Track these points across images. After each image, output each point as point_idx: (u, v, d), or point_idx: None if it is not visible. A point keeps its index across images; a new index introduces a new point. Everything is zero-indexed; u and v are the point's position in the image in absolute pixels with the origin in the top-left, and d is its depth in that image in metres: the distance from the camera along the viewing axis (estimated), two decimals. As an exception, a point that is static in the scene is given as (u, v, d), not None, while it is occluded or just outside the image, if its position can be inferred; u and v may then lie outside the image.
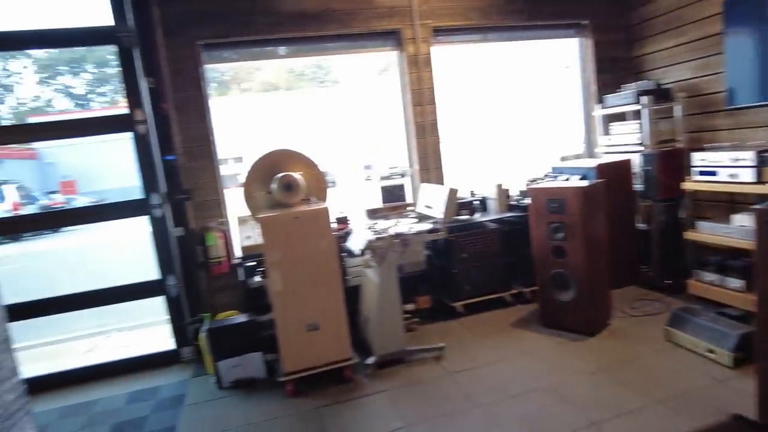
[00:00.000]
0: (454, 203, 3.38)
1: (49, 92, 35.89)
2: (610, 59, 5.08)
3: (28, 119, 26.94)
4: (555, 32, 5.18)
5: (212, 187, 4.07)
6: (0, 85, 33.55)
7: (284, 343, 3.09)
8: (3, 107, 34.37)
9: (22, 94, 35.53)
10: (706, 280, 3.78)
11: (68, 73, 34.85)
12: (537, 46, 13.85)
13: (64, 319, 4.00)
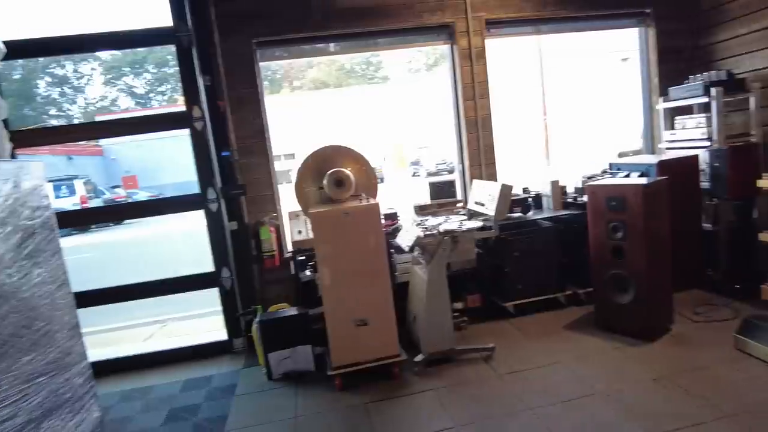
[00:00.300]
0: (507, 200, 3.30)
1: (114, 92, 37.93)
2: (675, 49, 4.79)
3: (96, 118, 28.61)
4: (614, 22, 4.95)
5: (266, 182, 4.14)
6: (72, 86, 35.80)
7: (333, 337, 3.11)
8: (75, 107, 36.64)
9: (91, 94, 37.72)
10: (782, 285, 3.51)
11: (131, 74, 36.69)
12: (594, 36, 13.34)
13: (125, 307, 4.20)
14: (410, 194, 5.75)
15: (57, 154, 19.99)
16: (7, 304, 1.24)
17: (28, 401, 1.21)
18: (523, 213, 4.09)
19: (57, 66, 34.29)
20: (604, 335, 3.46)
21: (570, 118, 18.10)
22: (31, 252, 1.41)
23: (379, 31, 4.31)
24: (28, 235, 1.42)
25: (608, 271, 3.43)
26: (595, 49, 17.56)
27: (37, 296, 1.37)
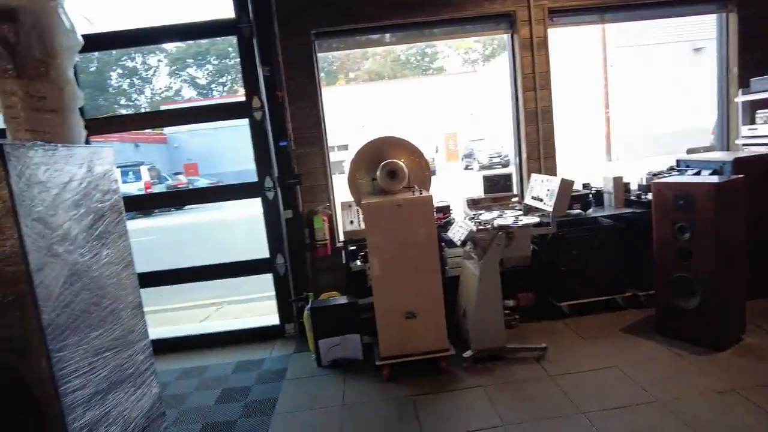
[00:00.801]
0: (567, 196, 3.17)
1: (177, 83, 39.65)
2: (759, 36, 4.42)
3: (161, 107, 30.02)
4: (690, 8, 4.64)
5: (321, 172, 4.19)
6: (140, 78, 37.75)
7: (382, 328, 3.12)
8: (142, 97, 38.63)
9: (157, 85, 39.62)
10: None
11: (194, 65, 38.21)
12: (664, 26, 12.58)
13: (184, 288, 4.39)
14: (462, 187, 5.67)
15: (125, 141, 21.17)
16: (80, 281, 1.30)
17: (96, 374, 1.28)
18: (583, 210, 3.92)
19: (127, 58, 36.23)
20: (666, 341, 3.28)
21: (635, 112, 17.22)
22: (101, 233, 1.48)
23: (437, 21, 4.24)
24: (98, 217, 1.49)
25: (673, 274, 3.23)
26: (665, 40, 16.61)
27: (105, 276, 1.44)
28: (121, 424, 1.35)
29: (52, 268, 1.19)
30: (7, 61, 1.67)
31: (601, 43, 17.90)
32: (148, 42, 4.36)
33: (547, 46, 4.28)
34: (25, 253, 1.09)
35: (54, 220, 1.25)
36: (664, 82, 16.78)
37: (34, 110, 1.72)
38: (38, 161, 1.21)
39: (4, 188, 1.06)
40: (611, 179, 4.13)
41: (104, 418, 1.28)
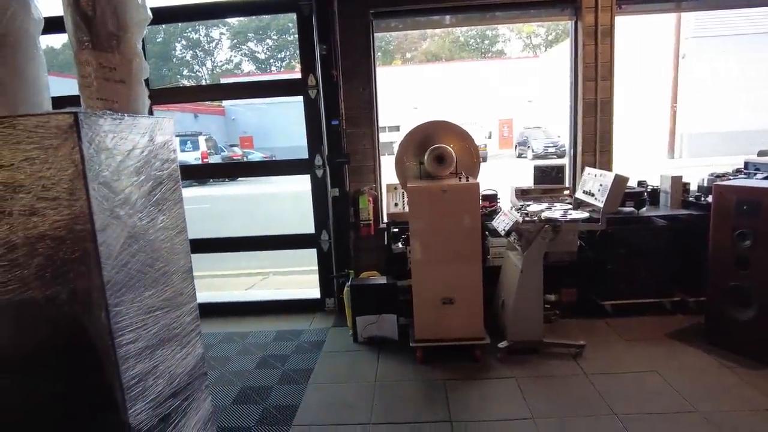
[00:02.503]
0: (619, 193, 3.07)
1: (238, 56, 40.55)
2: None
3: (220, 80, 30.89)
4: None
5: (370, 153, 4.23)
6: (203, 50, 38.86)
7: (418, 311, 3.15)
8: (203, 69, 39.79)
9: (218, 58, 40.65)
10: None
11: (254, 39, 38.93)
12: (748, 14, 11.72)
13: (233, 257, 4.58)
14: (513, 176, 5.56)
15: (185, 111, 21.94)
16: (137, 243, 1.40)
17: (147, 330, 1.38)
18: (636, 208, 3.77)
19: (191, 30, 37.33)
20: (714, 351, 3.15)
21: (705, 108, 16.20)
22: (158, 200, 1.57)
23: (499, 4, 4.14)
24: (157, 184, 1.58)
25: (728, 282, 3.08)
26: (746, 30, 15.42)
27: (159, 240, 1.54)
28: (166, 378, 1.45)
29: (113, 229, 1.29)
30: (85, 33, 1.78)
31: (675, 32, 16.85)
32: (211, 16, 4.49)
33: (612, 35, 4.09)
34: (92, 214, 1.18)
35: (117, 185, 1.34)
36: (742, 77, 15.66)
37: (105, 80, 1.83)
38: (107, 129, 1.31)
39: (77, 153, 1.15)
40: (669, 178, 3.95)
41: (152, 371, 1.39)
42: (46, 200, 1.16)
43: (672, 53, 17.12)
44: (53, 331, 1.20)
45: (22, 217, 1.16)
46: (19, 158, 1.15)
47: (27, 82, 1.84)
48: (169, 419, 1.46)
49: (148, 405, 1.35)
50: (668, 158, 17.58)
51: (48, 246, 1.17)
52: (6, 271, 1.17)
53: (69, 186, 1.16)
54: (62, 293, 1.18)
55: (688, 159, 16.16)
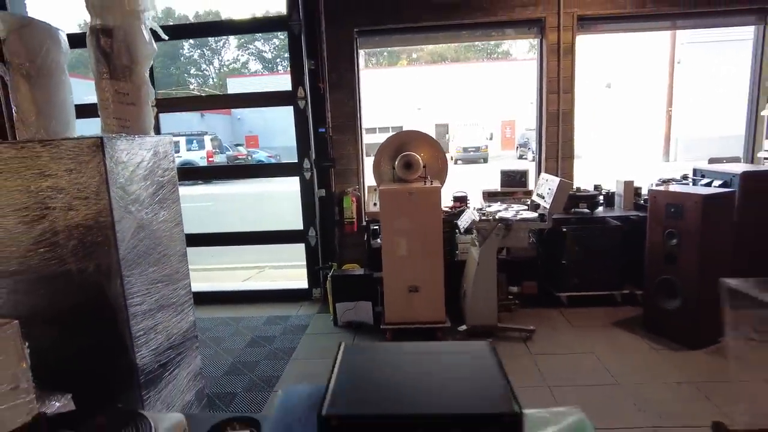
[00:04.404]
0: (563, 196, 3.50)
1: (245, 56, 41.02)
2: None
3: (227, 79, 31.40)
4: (726, 19, 4.73)
5: (353, 157, 4.68)
6: (210, 48, 39.39)
7: (388, 298, 3.61)
8: (211, 68, 40.32)
9: (226, 57, 41.12)
10: None
11: (261, 39, 39.40)
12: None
13: (233, 251, 5.04)
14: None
15: (192, 111, 22.46)
16: (144, 232, 1.85)
17: (151, 296, 1.83)
18: (590, 209, 4.21)
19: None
20: (649, 336, 3.58)
21: (700, 113, 16.52)
22: (160, 199, 2.03)
23: (472, 24, 4.57)
24: (159, 187, 2.04)
25: (659, 276, 3.51)
26: (741, 36, 15.74)
27: (161, 230, 1.99)
28: (165, 335, 1.91)
29: (127, 221, 1.74)
30: (104, 66, 2.24)
31: (671, 38, 17.18)
32: (212, 34, 4.96)
33: (573, 52, 4.52)
34: (111, 209, 1.63)
35: (130, 188, 1.79)
36: (735, 82, 15.98)
37: (119, 103, 2.29)
38: (122, 148, 1.76)
39: (102, 165, 1.60)
40: (623, 183, 4.37)
41: (154, 328, 1.84)
42: (79, 199, 1.62)
43: (668, 59, 17.48)
44: (83, 294, 1.66)
45: (63, 212, 1.61)
46: (62, 169, 1.60)
47: (58, 103, 2.31)
48: (167, 366, 1.92)
49: (151, 352, 1.81)
50: (664, 161, 17.94)
51: (80, 232, 1.62)
52: (50, 250, 1.62)
53: (96, 189, 1.61)
54: (90, 266, 1.64)
55: (683, 162, 16.51)
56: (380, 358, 0.75)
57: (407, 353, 0.77)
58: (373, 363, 0.72)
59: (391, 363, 0.72)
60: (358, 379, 0.64)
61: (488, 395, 0.58)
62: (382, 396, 0.61)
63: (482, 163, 21.43)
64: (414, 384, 0.64)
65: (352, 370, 0.66)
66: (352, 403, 0.58)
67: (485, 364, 0.64)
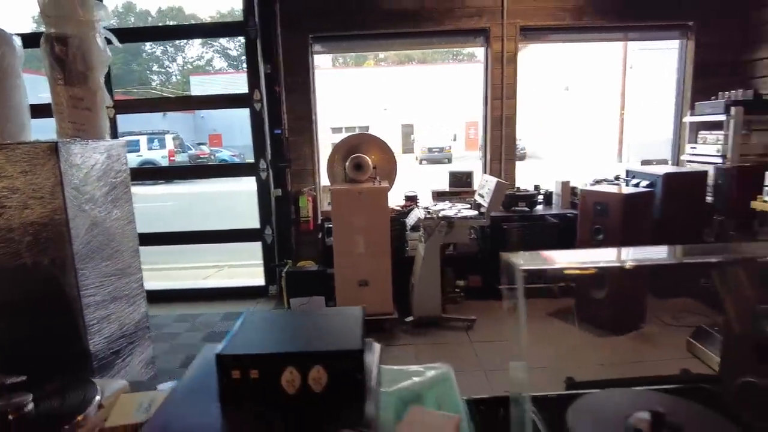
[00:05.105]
0: (500, 195, 3.79)
1: (210, 53, 40.36)
2: (713, 64, 4.88)
3: (190, 77, 30.92)
4: (656, 33, 5.13)
5: (309, 158, 4.87)
6: (174, 45, 38.62)
7: (339, 291, 3.82)
8: (174, 65, 39.51)
9: (189, 54, 40.39)
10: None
11: (226, 36, 38.84)
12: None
13: (194, 251, 5.14)
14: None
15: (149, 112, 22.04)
16: (97, 229, 2.00)
17: (104, 289, 1.98)
18: (529, 208, 4.53)
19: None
20: (580, 324, 3.90)
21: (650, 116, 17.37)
22: (113, 199, 2.17)
23: (421, 32, 4.82)
24: (112, 187, 2.18)
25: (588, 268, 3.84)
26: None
27: (114, 227, 2.14)
28: (117, 324, 2.06)
29: (81, 219, 1.88)
30: (59, 72, 2.37)
31: (623, 44, 17.98)
32: (169, 38, 5.04)
33: (515, 61, 4.83)
34: (66, 208, 1.78)
35: (84, 189, 1.93)
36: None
37: (74, 108, 2.42)
38: (76, 151, 1.90)
39: (57, 168, 1.75)
40: (560, 183, 4.71)
41: (107, 318, 1.99)
42: (34, 198, 1.76)
43: (621, 64, 18.30)
44: (39, 286, 1.80)
45: (18, 210, 1.75)
46: (18, 171, 1.74)
47: (13, 107, 2.42)
48: (119, 354, 2.07)
49: (104, 340, 1.96)
50: (618, 162, 18.76)
51: (36, 229, 1.76)
52: (6, 245, 1.76)
53: (51, 190, 1.76)
54: (45, 260, 1.78)
55: (634, 163, 17.32)
56: (273, 319, 0.97)
57: (295, 316, 0.98)
58: (266, 322, 0.92)
59: (280, 322, 0.93)
60: (252, 332, 0.85)
61: (344, 340, 0.79)
62: (265, 342, 0.82)
63: (446, 163, 21.88)
64: (292, 334, 0.86)
65: (249, 327, 0.86)
66: (241, 346, 0.79)
67: (351, 322, 0.86)
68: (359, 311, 0.88)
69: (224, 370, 0.77)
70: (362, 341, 0.78)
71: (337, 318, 0.90)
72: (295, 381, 0.74)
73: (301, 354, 0.75)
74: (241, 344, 0.79)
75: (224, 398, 0.77)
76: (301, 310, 0.95)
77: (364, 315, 0.88)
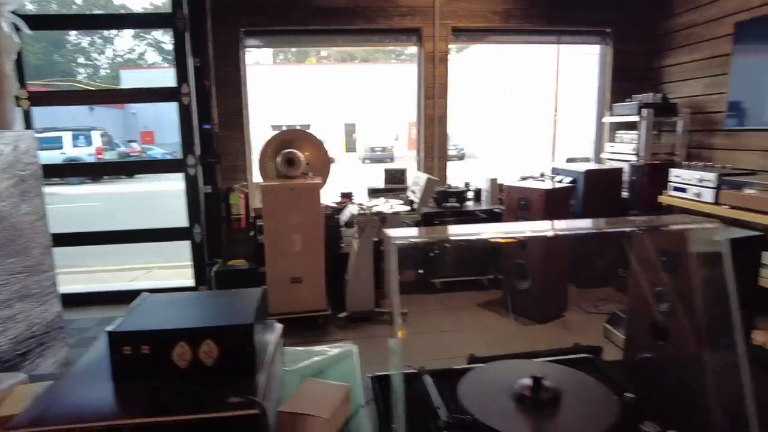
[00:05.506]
0: (430, 191, 3.89)
1: (142, 46, 38.53)
2: (628, 68, 5.24)
3: (120, 71, 29.39)
4: (578, 38, 5.43)
5: (241, 153, 4.79)
6: (102, 37, 36.49)
7: (271, 289, 3.77)
8: (102, 57, 37.38)
9: (120, 46, 38.37)
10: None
11: (162, 30, 37.24)
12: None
13: (121, 252, 4.91)
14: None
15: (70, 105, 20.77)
16: (2, 223, 1.90)
17: (10, 286, 1.87)
18: (459, 203, 4.68)
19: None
20: (506, 314, 4.08)
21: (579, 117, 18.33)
22: (21, 192, 2.06)
23: (355, 30, 4.86)
24: (20, 180, 2.07)
25: (513, 261, 4.03)
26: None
27: (22, 222, 2.03)
28: (25, 324, 1.96)
29: (-20, 213, 1.78)
30: (-44, 58, 2.22)
31: (556, 48, 18.86)
32: (92, 27, 4.80)
33: (447, 61, 4.97)
34: (-38, 201, 1.68)
35: (-16, 181, 1.83)
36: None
37: (-25, 96, 2.27)
38: (-25, 140, 1.80)
39: (-50, 158, 1.65)
40: (489, 180, 4.90)
41: (13, 317, 1.89)
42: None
43: (554, 66, 19.21)
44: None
45: None
46: None
47: None
48: (27, 356, 1.96)
49: (9, 341, 1.86)
50: (551, 161, 19.66)
51: (-73, 223, 1.65)
52: None
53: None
54: (-61, 257, 1.67)
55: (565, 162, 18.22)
56: (171, 300, 0.97)
57: (195, 297, 0.99)
58: (164, 303, 0.93)
59: (178, 302, 0.94)
60: (148, 312, 0.85)
61: (235, 316, 0.81)
62: (158, 319, 0.83)
63: (389, 162, 22.10)
64: (186, 312, 0.87)
65: (147, 307, 0.87)
66: (133, 324, 0.80)
67: (247, 301, 0.88)
68: (259, 291, 0.91)
69: (115, 348, 0.77)
70: (254, 317, 0.81)
71: (235, 298, 0.92)
72: (186, 355, 0.76)
73: (191, 329, 0.76)
74: (134, 323, 0.80)
75: (116, 375, 0.77)
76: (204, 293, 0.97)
77: (263, 295, 0.90)
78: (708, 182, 3.68)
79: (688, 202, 3.89)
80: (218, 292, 1.07)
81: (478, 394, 1.10)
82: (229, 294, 0.99)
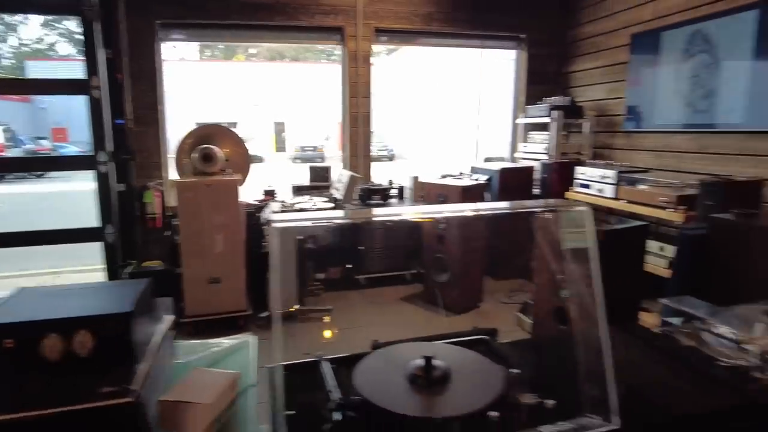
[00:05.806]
0: (352, 188, 3.94)
1: (53, 35, 35.71)
2: (542, 72, 5.56)
3: (26, 62, 27.08)
4: (495, 42, 5.68)
5: (156, 150, 4.59)
6: (4, 23, 33.38)
7: (188, 291, 3.66)
8: (4, 47, 34.22)
9: (26, 35, 35.34)
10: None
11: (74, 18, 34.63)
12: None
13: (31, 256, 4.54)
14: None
15: (-23, 96, 19.00)
16: None
17: None
18: (383, 201, 4.76)
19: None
20: (426, 306, 4.21)
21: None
22: None
23: (276, 26, 4.80)
24: None
25: (433, 255, 4.16)
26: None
27: None
28: None
29: None
30: None
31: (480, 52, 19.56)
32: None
33: (369, 60, 5.04)
34: None
35: None
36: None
37: None
38: None
39: None
40: (411, 178, 5.02)
41: None
42: None
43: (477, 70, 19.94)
44: None
45: None
46: None
47: None
48: None
49: None
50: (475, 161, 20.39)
51: None
52: None
53: None
54: None
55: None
56: (48, 292, 0.94)
57: (75, 288, 0.96)
58: (40, 295, 0.90)
59: (55, 295, 0.91)
60: (18, 304, 0.82)
61: (112, 305, 0.81)
62: (25, 311, 0.80)
63: (320, 162, 21.97)
64: (60, 303, 0.85)
65: (18, 300, 0.83)
66: (-4, 317, 0.77)
67: (129, 291, 0.87)
68: (145, 282, 0.89)
69: (-26, 344, 0.73)
70: (134, 306, 0.80)
71: (117, 288, 0.90)
72: (56, 347, 0.74)
73: (61, 320, 0.75)
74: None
75: (-24, 374, 0.74)
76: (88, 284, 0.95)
77: (149, 285, 0.90)
78: (608, 179, 3.99)
79: (592, 197, 4.19)
80: (104, 283, 1.05)
81: (373, 376, 1.14)
82: (114, 284, 0.97)
